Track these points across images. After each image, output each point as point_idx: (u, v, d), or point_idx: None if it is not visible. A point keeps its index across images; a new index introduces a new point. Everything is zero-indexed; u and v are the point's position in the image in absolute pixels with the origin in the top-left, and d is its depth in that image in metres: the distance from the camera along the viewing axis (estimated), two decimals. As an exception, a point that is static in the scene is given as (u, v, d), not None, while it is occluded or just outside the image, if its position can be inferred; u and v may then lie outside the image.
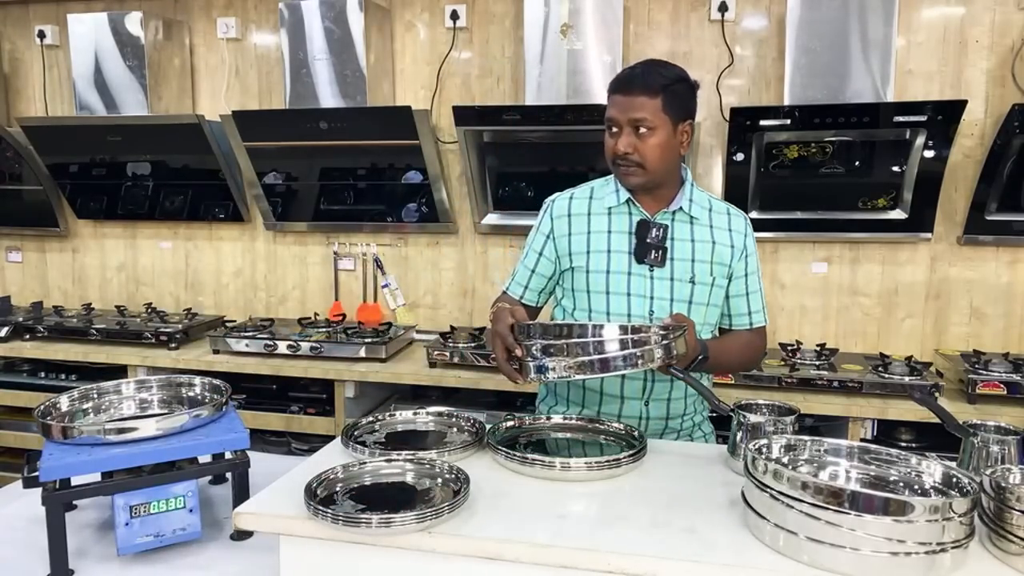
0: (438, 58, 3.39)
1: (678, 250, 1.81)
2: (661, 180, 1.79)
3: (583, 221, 1.85)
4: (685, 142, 1.77)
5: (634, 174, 1.75)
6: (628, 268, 1.80)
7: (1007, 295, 3.02)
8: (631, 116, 1.70)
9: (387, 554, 1.28)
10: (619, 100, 1.73)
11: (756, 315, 1.89)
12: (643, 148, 1.71)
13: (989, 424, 1.50)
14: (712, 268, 1.81)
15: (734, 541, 1.23)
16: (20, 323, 3.51)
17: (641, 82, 1.70)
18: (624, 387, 1.83)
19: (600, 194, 1.87)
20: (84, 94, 3.48)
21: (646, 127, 1.70)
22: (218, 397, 1.72)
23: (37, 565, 1.47)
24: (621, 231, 1.82)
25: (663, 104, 1.70)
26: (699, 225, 1.83)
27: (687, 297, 1.80)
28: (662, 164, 1.74)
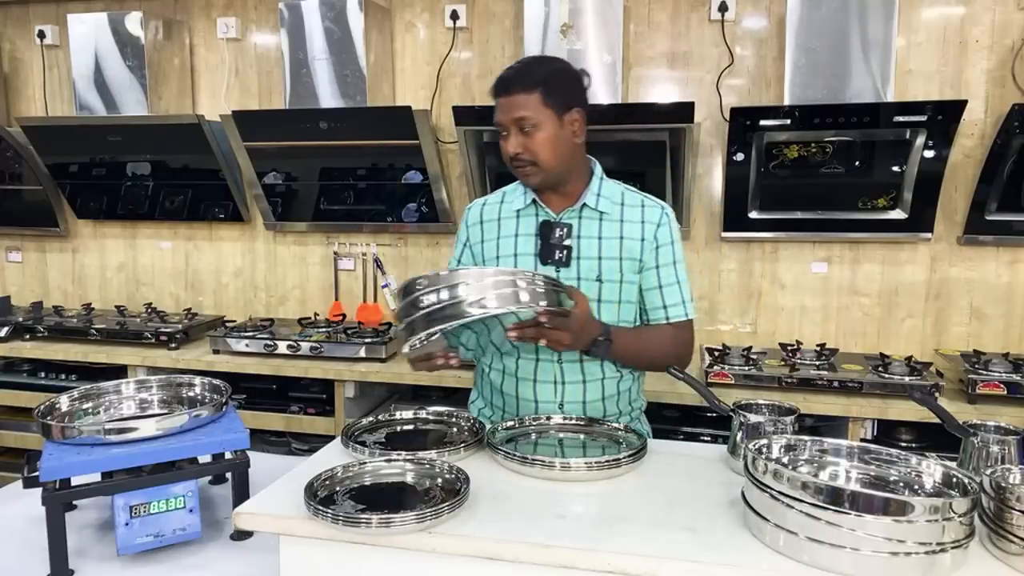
0: (438, 58, 3.39)
1: (584, 248, 1.79)
2: (561, 176, 1.77)
3: (494, 227, 1.87)
4: (577, 131, 1.76)
5: (531, 173, 1.74)
6: (535, 270, 1.78)
7: (1007, 295, 3.02)
8: (513, 116, 1.70)
9: (387, 554, 1.28)
10: (501, 102, 1.72)
11: (673, 309, 1.83)
12: (532, 146, 1.71)
13: (989, 424, 1.50)
14: (621, 264, 1.79)
15: (734, 541, 1.23)
16: (20, 323, 3.51)
17: (517, 80, 1.70)
18: (536, 391, 1.83)
19: (510, 198, 1.87)
20: (84, 94, 3.48)
21: (530, 124, 1.69)
22: (218, 397, 1.72)
23: (37, 565, 1.47)
24: (528, 233, 1.82)
25: (542, 98, 1.68)
26: (608, 220, 1.80)
27: (595, 296, 1.78)
28: (556, 158, 1.73)
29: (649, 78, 3.21)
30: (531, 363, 1.83)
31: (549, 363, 1.81)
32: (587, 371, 1.82)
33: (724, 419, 1.65)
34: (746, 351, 2.96)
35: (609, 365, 1.84)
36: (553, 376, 1.82)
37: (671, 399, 2.72)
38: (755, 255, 3.22)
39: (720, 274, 3.25)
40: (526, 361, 1.83)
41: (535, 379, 1.83)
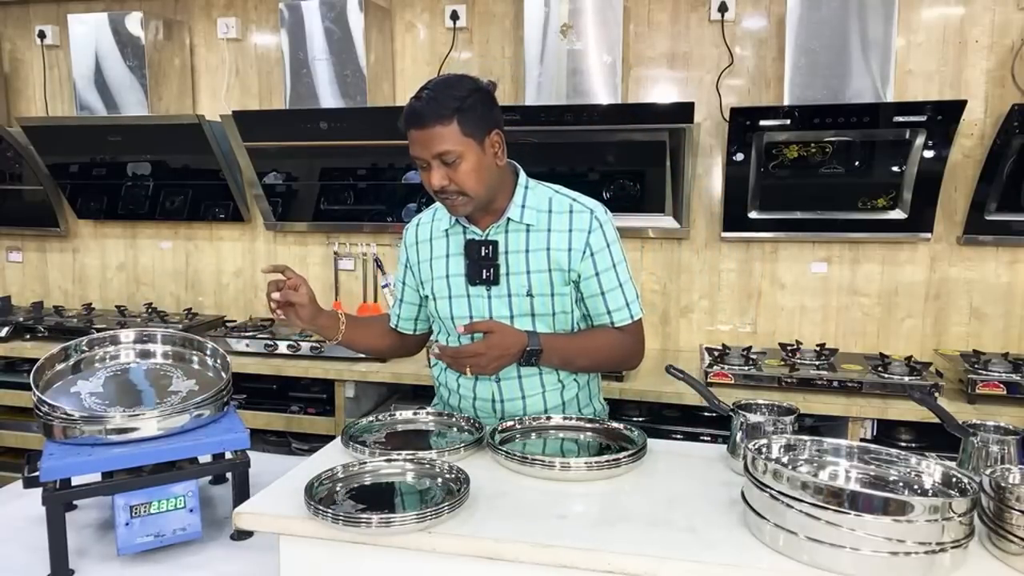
0: (438, 58, 3.39)
1: (513, 263, 1.75)
2: (490, 198, 1.73)
3: (427, 247, 1.86)
4: (499, 152, 1.70)
5: (460, 204, 1.68)
6: (466, 291, 1.79)
7: (1007, 295, 3.02)
8: (434, 151, 1.62)
9: (387, 554, 1.28)
10: (416, 136, 1.63)
11: (617, 313, 1.79)
12: (458, 177, 1.64)
13: (989, 424, 1.50)
14: (551, 276, 1.74)
15: (734, 541, 1.23)
16: (20, 323, 3.51)
17: (432, 112, 1.60)
18: (476, 408, 1.84)
19: (440, 215, 1.84)
20: (84, 94, 3.48)
21: (453, 157, 1.62)
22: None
23: (37, 565, 1.47)
24: (457, 253, 1.80)
25: (460, 128, 1.61)
26: (535, 231, 1.75)
27: (528, 311, 1.76)
28: (482, 186, 1.67)
29: (649, 78, 3.21)
30: (470, 380, 1.83)
31: (486, 381, 1.81)
32: (526, 387, 1.82)
33: (724, 419, 1.65)
34: (746, 351, 2.96)
35: (549, 377, 1.82)
36: (490, 394, 1.83)
37: (671, 399, 2.72)
38: (755, 255, 3.22)
39: (720, 274, 3.25)
40: (465, 379, 1.83)
41: (474, 396, 1.84)
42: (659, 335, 3.33)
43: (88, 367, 1.75)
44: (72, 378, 1.70)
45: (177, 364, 1.82)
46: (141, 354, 1.82)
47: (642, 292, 3.29)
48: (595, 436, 1.71)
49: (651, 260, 3.30)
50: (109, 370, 1.76)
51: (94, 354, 1.78)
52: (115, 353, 1.80)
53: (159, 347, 1.84)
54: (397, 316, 2.00)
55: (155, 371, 1.78)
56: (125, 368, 1.78)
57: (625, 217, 3.15)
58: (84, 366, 1.75)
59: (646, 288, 3.31)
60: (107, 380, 1.71)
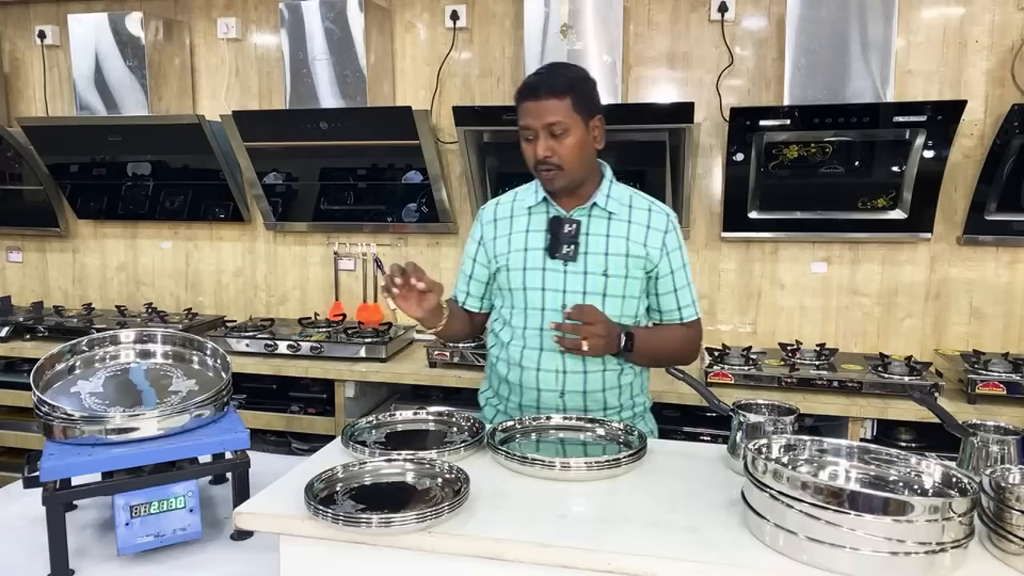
0: (438, 58, 3.39)
1: (592, 245, 1.86)
2: (582, 178, 1.85)
3: (507, 224, 1.95)
4: (598, 137, 1.84)
5: (556, 177, 1.80)
6: (543, 264, 1.87)
7: (1007, 295, 3.02)
8: (545, 121, 1.75)
9: (387, 554, 1.28)
10: (531, 107, 1.77)
11: (686, 309, 1.93)
12: (561, 150, 1.77)
13: (989, 424, 1.50)
14: (627, 262, 1.86)
15: (734, 541, 1.23)
16: (20, 323, 3.51)
17: (549, 86, 1.75)
18: (539, 379, 1.89)
19: (522, 196, 1.96)
20: (84, 94, 3.48)
21: (561, 129, 1.75)
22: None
23: (37, 565, 1.47)
24: (538, 229, 1.90)
25: (572, 104, 1.75)
26: (616, 220, 1.87)
27: (600, 290, 1.85)
28: (580, 163, 1.81)
29: (649, 78, 3.21)
30: (535, 352, 1.88)
31: (552, 352, 1.86)
32: (588, 362, 1.87)
33: (724, 419, 1.65)
34: (746, 351, 2.96)
35: (610, 357, 1.88)
36: (555, 365, 1.87)
37: (671, 399, 2.72)
38: (755, 255, 3.22)
39: (720, 274, 3.25)
40: (531, 350, 1.89)
41: (538, 367, 1.88)
42: (659, 335, 3.33)
43: (88, 367, 1.75)
44: (72, 378, 1.70)
45: (177, 364, 1.82)
46: (141, 354, 1.82)
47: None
48: (595, 436, 1.71)
49: (651, 260, 3.29)
50: (109, 370, 1.76)
51: (94, 354, 1.78)
52: (115, 353, 1.80)
53: (159, 347, 1.84)
54: (465, 294, 2.05)
55: (155, 371, 1.78)
56: (125, 368, 1.78)
57: (625, 217, 3.16)
58: (84, 366, 1.75)
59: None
60: (107, 380, 1.71)
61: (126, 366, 1.79)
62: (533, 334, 1.88)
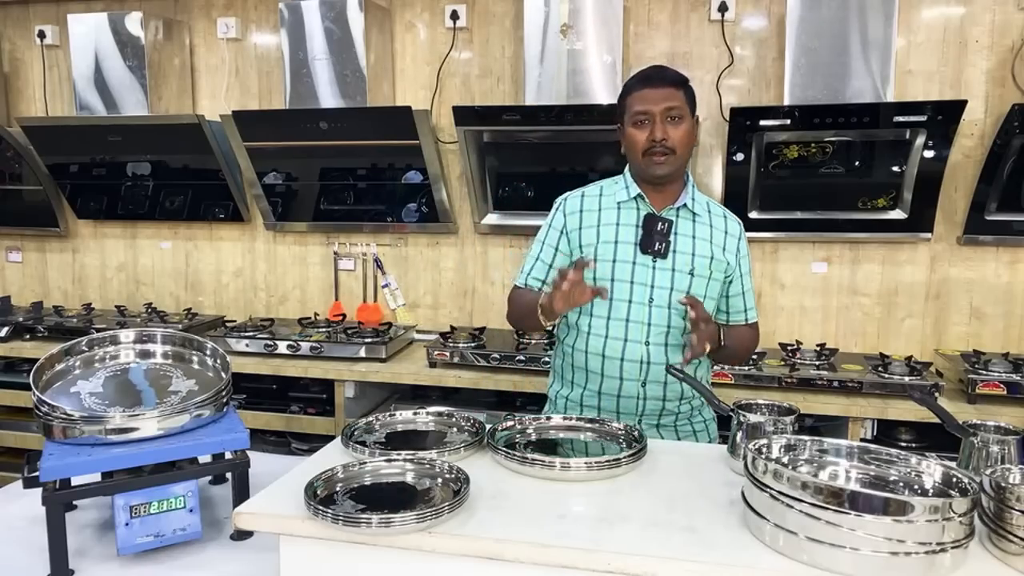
0: (438, 58, 3.39)
1: (680, 244, 1.91)
2: (681, 171, 1.92)
3: (594, 216, 1.97)
4: (697, 135, 1.97)
5: (667, 161, 1.86)
6: (633, 257, 1.91)
7: (1007, 295, 3.02)
8: (665, 105, 1.83)
9: (387, 554, 1.28)
10: (649, 93, 1.85)
11: (751, 311, 2.04)
12: (675, 135, 1.85)
13: (989, 424, 1.50)
14: (711, 263, 1.92)
15: (734, 541, 1.23)
16: (20, 323, 3.51)
17: (668, 76, 1.88)
18: (623, 369, 1.90)
19: (610, 191, 1.99)
20: (84, 94, 3.48)
21: (677, 114, 1.84)
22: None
23: (37, 565, 1.47)
24: (629, 224, 1.93)
25: (685, 96, 1.87)
26: (700, 223, 1.94)
27: (685, 288, 1.90)
28: (687, 152, 1.90)
29: (649, 78, 3.21)
30: (619, 342, 1.90)
31: (637, 344, 1.89)
32: (671, 354, 1.91)
33: (724, 419, 1.65)
34: (746, 351, 2.96)
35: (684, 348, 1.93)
36: (639, 356, 1.89)
37: (671, 399, 2.71)
38: (755, 255, 3.20)
39: (720, 274, 3.24)
40: (614, 340, 1.90)
41: (622, 358, 1.90)
42: (659, 335, 3.33)
43: (88, 367, 1.75)
44: (72, 378, 1.70)
45: (177, 364, 1.82)
46: (141, 354, 1.82)
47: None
48: (595, 436, 1.71)
49: (651, 260, 3.29)
50: (109, 370, 1.76)
51: (94, 354, 1.78)
52: (115, 353, 1.80)
53: (159, 347, 1.84)
54: (540, 282, 2.01)
55: (155, 371, 1.78)
56: (125, 368, 1.78)
57: (625, 217, 3.16)
58: (84, 366, 1.75)
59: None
60: (107, 380, 1.71)
61: (126, 366, 1.78)
62: (618, 324, 1.90)
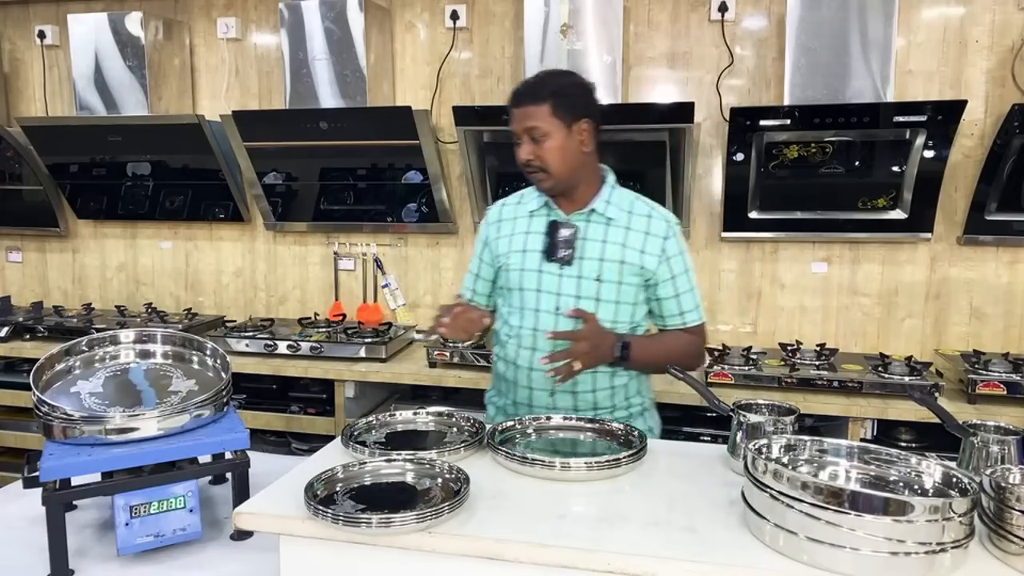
0: (438, 58, 3.39)
1: (588, 249, 1.89)
2: (571, 181, 1.88)
3: (510, 225, 2.00)
4: (585, 140, 1.85)
5: (542, 179, 1.86)
6: (539, 266, 1.91)
7: (1007, 295, 3.02)
8: (524, 126, 1.82)
9: (387, 554, 1.28)
10: (514, 113, 1.85)
11: (690, 314, 1.96)
12: (542, 153, 1.82)
13: (989, 424, 1.50)
14: (621, 268, 1.88)
15: (734, 541, 1.23)
16: (20, 323, 3.51)
17: (528, 93, 1.83)
18: (531, 378, 1.92)
19: (527, 199, 2.00)
20: (84, 94, 3.48)
21: (540, 134, 1.80)
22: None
23: (37, 565, 1.47)
24: (538, 232, 1.94)
25: (551, 109, 1.80)
26: (614, 226, 1.90)
27: (594, 294, 1.88)
28: (564, 166, 1.83)
29: (649, 78, 3.21)
30: (528, 352, 1.91)
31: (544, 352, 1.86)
32: None
33: (724, 419, 1.65)
34: (746, 351, 2.96)
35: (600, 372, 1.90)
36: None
37: (671, 399, 2.71)
38: (755, 255, 3.22)
39: (720, 274, 3.25)
40: (525, 350, 1.92)
41: (531, 367, 1.91)
42: (659, 335, 3.33)
43: (88, 367, 1.75)
44: (72, 378, 1.70)
45: (177, 364, 1.82)
46: (141, 354, 1.82)
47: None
48: (595, 436, 1.71)
49: (651, 260, 3.29)
50: (109, 370, 1.76)
51: (94, 354, 1.78)
52: (115, 353, 1.80)
53: (159, 347, 1.84)
54: (472, 291, 2.11)
55: (155, 371, 1.78)
56: (125, 368, 1.78)
57: (625, 217, 3.16)
58: (84, 366, 1.75)
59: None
60: (107, 380, 1.71)
61: (126, 366, 1.79)
62: (527, 334, 1.91)
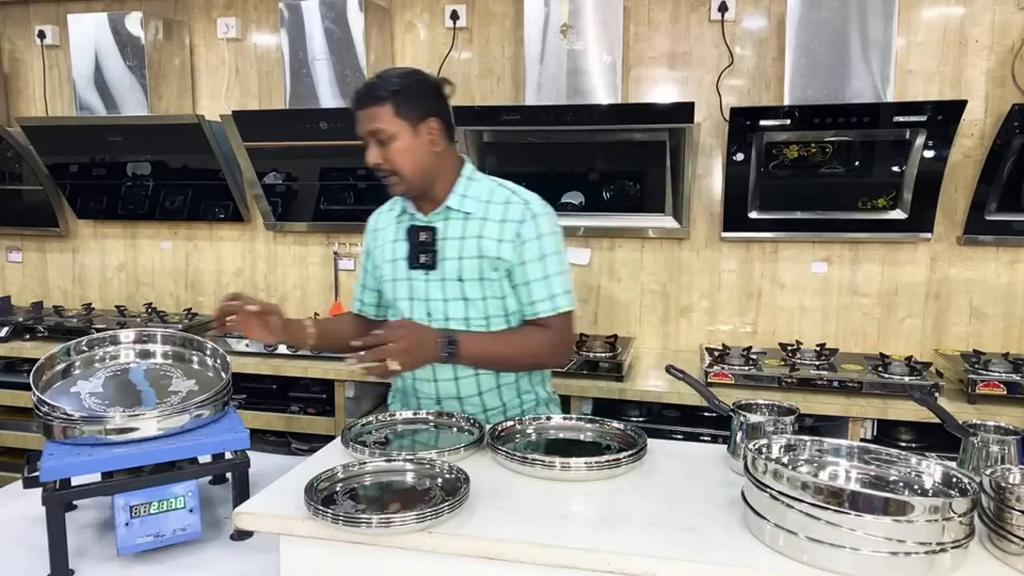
0: (438, 58, 3.39)
1: (448, 249, 1.83)
2: (425, 182, 1.81)
3: (384, 233, 1.96)
4: (435, 139, 1.78)
5: (394, 183, 1.79)
6: (407, 274, 1.87)
7: (1007, 295, 3.02)
8: (369, 128, 1.74)
9: (387, 554, 1.28)
10: (357, 115, 1.76)
11: (540, 304, 1.81)
12: (390, 156, 1.75)
13: (989, 424, 1.50)
14: (480, 263, 1.80)
15: (734, 541, 1.23)
16: (20, 323, 3.51)
17: (369, 94, 1.73)
18: (416, 388, 1.90)
19: (396, 205, 1.94)
20: (84, 94, 3.48)
21: (385, 136, 1.73)
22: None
23: (37, 565, 1.47)
24: (402, 239, 1.89)
25: (394, 109, 1.72)
26: (472, 220, 1.82)
27: (459, 295, 1.83)
28: (416, 167, 1.76)
29: (649, 78, 3.21)
30: None
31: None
32: (458, 368, 1.85)
33: (724, 419, 1.65)
34: (746, 351, 2.96)
35: None
36: (428, 375, 1.88)
37: (671, 399, 2.72)
38: (755, 255, 3.21)
39: (720, 274, 3.25)
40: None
41: (414, 376, 1.90)
42: (659, 335, 3.33)
43: (88, 367, 1.75)
44: (72, 378, 1.70)
45: (177, 364, 1.82)
46: (141, 354, 1.82)
47: (642, 292, 3.31)
48: (595, 436, 1.71)
49: (651, 260, 3.30)
50: (109, 370, 1.76)
51: (94, 354, 1.78)
52: (115, 353, 1.80)
53: (159, 347, 1.84)
54: (360, 301, 2.07)
55: (155, 371, 1.78)
56: (125, 368, 1.78)
57: (625, 217, 3.16)
58: (84, 366, 1.75)
59: (646, 288, 3.31)
60: (107, 380, 1.71)
61: (126, 366, 1.79)
62: None
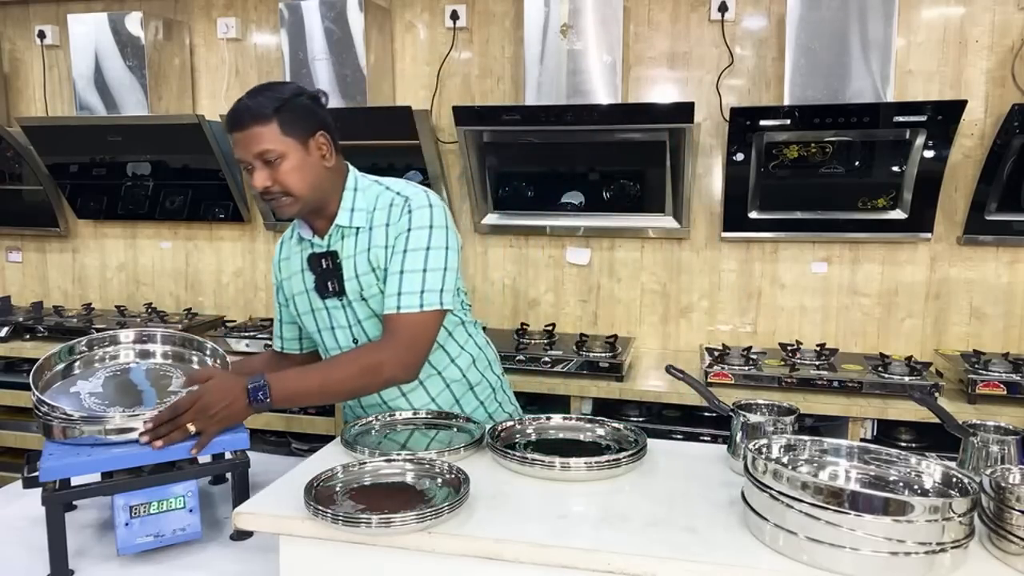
0: (438, 58, 3.39)
1: (347, 269, 1.72)
2: (319, 199, 1.70)
3: (289, 264, 1.84)
4: (326, 154, 1.68)
5: (287, 205, 1.66)
6: (321, 303, 1.77)
7: (1007, 295, 3.02)
8: (255, 151, 1.60)
9: (387, 554, 1.28)
10: (238, 138, 1.62)
11: (401, 298, 1.65)
12: (281, 178, 1.62)
13: (989, 424, 1.50)
14: (375, 276, 1.70)
15: (734, 541, 1.23)
16: (20, 323, 3.51)
17: (251, 113, 1.59)
18: (367, 414, 1.82)
19: (294, 232, 1.83)
20: (84, 94, 3.48)
21: (274, 156, 1.60)
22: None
23: (37, 565, 1.47)
24: (307, 268, 1.78)
25: (280, 128, 1.60)
26: (363, 232, 1.72)
27: (369, 314, 1.73)
28: (308, 186, 1.65)
29: (649, 78, 3.21)
30: None
31: None
32: (405, 388, 1.82)
33: (724, 419, 1.65)
34: (746, 351, 2.96)
35: (427, 367, 1.76)
36: (376, 400, 1.85)
37: (671, 399, 2.72)
38: (755, 255, 3.21)
39: (720, 274, 3.25)
40: None
41: (362, 404, 1.88)
42: (659, 335, 3.33)
43: (88, 367, 1.75)
44: (72, 378, 1.70)
45: (177, 364, 1.82)
46: (141, 354, 1.82)
47: (642, 292, 3.31)
48: (595, 436, 1.71)
49: (651, 260, 3.30)
50: (109, 370, 1.76)
51: (94, 354, 1.78)
52: (115, 353, 1.80)
53: (159, 347, 1.84)
54: (280, 339, 1.97)
55: (155, 371, 1.78)
56: (125, 368, 1.78)
57: (625, 217, 3.16)
58: (84, 366, 1.75)
59: (646, 288, 3.31)
60: (107, 380, 1.71)
61: (126, 366, 1.78)
62: None
